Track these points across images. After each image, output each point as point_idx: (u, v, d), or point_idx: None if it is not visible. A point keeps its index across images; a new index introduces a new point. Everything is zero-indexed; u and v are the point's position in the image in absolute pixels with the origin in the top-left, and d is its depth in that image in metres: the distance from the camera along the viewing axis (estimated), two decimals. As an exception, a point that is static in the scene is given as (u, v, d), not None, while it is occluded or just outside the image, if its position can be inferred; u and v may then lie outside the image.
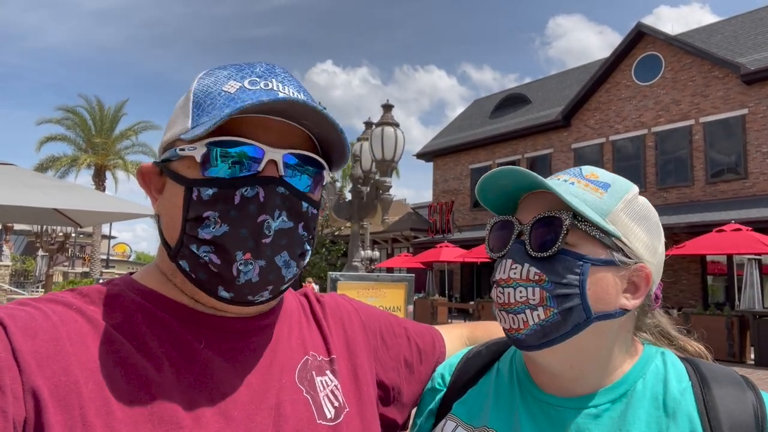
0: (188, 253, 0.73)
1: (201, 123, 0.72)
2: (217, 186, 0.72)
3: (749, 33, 19.42)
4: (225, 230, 0.71)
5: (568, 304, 0.79)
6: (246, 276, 0.72)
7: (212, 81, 0.77)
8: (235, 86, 0.75)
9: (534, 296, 0.80)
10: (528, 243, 0.83)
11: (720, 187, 17.92)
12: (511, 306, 0.82)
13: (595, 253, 0.81)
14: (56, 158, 27.45)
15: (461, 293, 24.83)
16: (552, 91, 25.54)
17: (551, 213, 0.82)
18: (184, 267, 0.74)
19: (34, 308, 0.67)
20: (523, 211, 0.87)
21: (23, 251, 40.26)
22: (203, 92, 0.76)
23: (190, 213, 0.72)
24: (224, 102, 0.73)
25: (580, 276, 0.79)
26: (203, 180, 0.72)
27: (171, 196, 0.76)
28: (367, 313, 1.04)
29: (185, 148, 0.73)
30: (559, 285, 0.79)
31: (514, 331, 0.82)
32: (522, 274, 0.81)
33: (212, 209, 0.71)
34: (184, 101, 0.79)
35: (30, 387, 0.59)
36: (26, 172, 5.22)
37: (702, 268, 17.65)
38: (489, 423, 0.90)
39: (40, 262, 28.50)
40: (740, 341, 11.91)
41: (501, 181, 0.87)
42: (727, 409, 0.78)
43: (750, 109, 17.45)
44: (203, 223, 0.71)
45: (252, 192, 0.72)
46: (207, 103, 0.75)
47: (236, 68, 0.79)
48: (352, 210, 5.50)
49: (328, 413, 0.81)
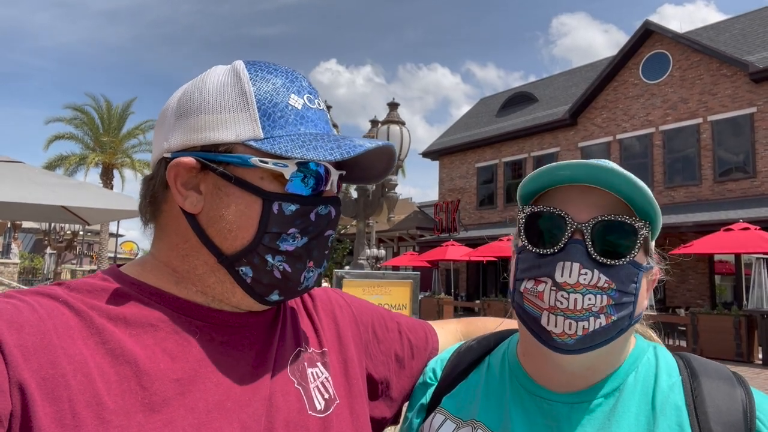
0: (258, 261, 0.75)
1: (275, 135, 0.75)
2: (300, 203, 0.77)
3: (758, 31, 19.25)
4: (305, 242, 0.78)
5: (625, 312, 0.78)
6: (308, 282, 0.81)
7: (272, 89, 0.77)
8: (298, 101, 0.79)
9: (600, 303, 0.77)
10: (591, 246, 0.78)
11: (728, 186, 17.79)
12: (575, 313, 0.77)
13: (643, 260, 0.82)
14: (65, 157, 27.58)
15: (467, 292, 24.79)
16: (559, 90, 25.43)
17: (625, 219, 0.78)
18: (243, 272, 0.76)
19: (20, 301, 0.66)
20: (574, 207, 0.81)
21: (31, 249, 40.54)
22: (268, 100, 0.76)
23: (271, 226, 0.75)
24: (295, 119, 0.78)
25: (636, 284, 0.79)
26: (286, 195, 0.76)
27: (234, 204, 0.75)
28: (360, 307, 1.05)
29: (268, 161, 0.74)
30: (623, 294, 0.78)
31: (566, 336, 0.77)
32: (591, 280, 0.77)
33: (293, 225, 0.76)
34: (237, 100, 0.76)
35: (16, 380, 0.59)
36: (34, 170, 5.25)
37: (710, 268, 17.53)
38: (477, 416, 0.90)
39: (48, 260, 28.69)
40: (748, 341, 11.82)
41: (561, 172, 0.81)
42: (716, 404, 0.77)
43: (758, 107, 17.29)
44: (281, 236, 0.75)
45: (326, 210, 0.80)
46: (277, 115, 0.76)
47: (285, 75, 0.80)
48: (357, 208, 5.50)
49: (318, 405, 0.81)
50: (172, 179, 0.76)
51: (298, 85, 0.81)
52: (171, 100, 0.82)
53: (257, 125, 0.75)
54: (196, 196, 0.76)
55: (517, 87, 29.47)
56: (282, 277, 0.77)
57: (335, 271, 3.53)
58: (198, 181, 0.76)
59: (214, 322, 0.77)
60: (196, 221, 0.76)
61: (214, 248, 0.76)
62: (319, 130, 0.80)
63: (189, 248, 0.77)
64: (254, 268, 0.76)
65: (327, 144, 0.76)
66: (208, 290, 0.78)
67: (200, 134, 0.76)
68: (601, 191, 0.80)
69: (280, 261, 0.76)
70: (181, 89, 0.82)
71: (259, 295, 0.78)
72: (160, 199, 0.79)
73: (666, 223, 16.01)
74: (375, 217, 5.64)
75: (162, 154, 0.78)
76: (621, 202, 0.80)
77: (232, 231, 0.75)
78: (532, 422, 0.84)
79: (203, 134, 0.76)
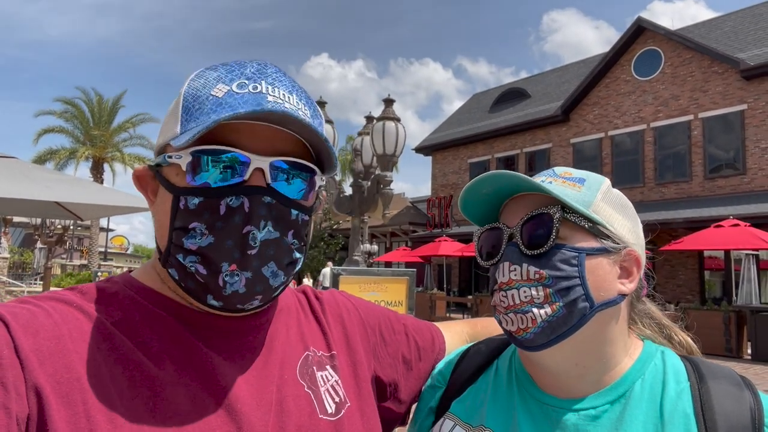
0: (175, 262, 0.73)
1: (188, 129, 0.72)
2: (203, 195, 0.71)
3: (749, 28, 19.38)
4: (210, 241, 0.70)
5: (572, 296, 0.80)
6: (233, 287, 0.71)
7: (201, 84, 0.76)
8: (223, 90, 0.73)
9: (538, 294, 0.81)
10: (521, 243, 0.84)
11: (718, 183, 17.93)
12: (517, 306, 0.82)
13: (587, 243, 0.83)
14: (55, 151, 27.30)
15: (459, 287, 24.86)
16: (551, 86, 25.48)
17: (540, 210, 0.83)
18: (173, 274, 0.75)
19: (36, 306, 0.68)
20: (509, 216, 0.88)
21: (21, 243, 40.18)
22: (192, 96, 0.75)
23: (176, 222, 0.72)
24: (211, 107, 0.72)
25: (578, 267, 0.81)
26: (189, 189, 0.72)
27: (161, 202, 0.77)
28: (367, 310, 1.05)
29: (172, 155, 0.73)
30: (559, 279, 0.80)
31: (522, 332, 0.82)
32: (522, 274, 0.82)
33: (198, 219, 0.71)
34: (175, 105, 0.78)
35: (33, 384, 0.60)
36: (28, 165, 5.20)
37: (699, 264, 17.67)
38: (486, 422, 0.90)
39: (38, 255, 28.45)
40: (737, 336, 11.93)
41: (483, 190, 0.88)
42: (724, 409, 0.78)
43: (749, 104, 17.43)
44: (189, 233, 0.71)
45: (237, 202, 0.71)
46: (195, 107, 0.73)
47: (226, 69, 0.77)
48: (353, 204, 5.51)
49: (329, 408, 0.82)
50: (144, 188, 0.81)
51: (235, 74, 0.75)
52: None
53: (178, 123, 0.75)
54: (154, 201, 0.80)
55: (510, 83, 29.52)
56: (202, 280, 0.72)
57: (332, 267, 3.54)
58: (156, 187, 0.79)
59: (216, 329, 0.78)
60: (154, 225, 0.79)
61: (158, 249, 0.78)
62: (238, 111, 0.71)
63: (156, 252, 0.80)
64: (176, 269, 0.74)
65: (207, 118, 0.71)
66: (180, 295, 0.78)
67: (156, 144, 0.80)
68: (532, 195, 0.86)
69: (192, 262, 0.72)
70: None
71: (199, 299, 0.74)
72: None
73: (656, 219, 15.90)
74: (370, 213, 5.65)
75: None
76: (549, 198, 0.84)
77: (159, 230, 0.77)
78: (539, 429, 0.85)
79: (156, 143, 0.80)
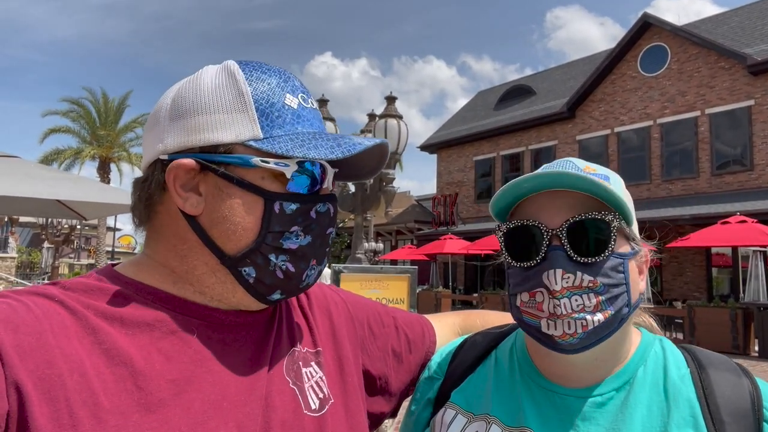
0: (261, 261, 0.76)
1: (274, 135, 0.76)
2: (300, 202, 0.77)
3: (756, 24, 19.23)
4: (308, 241, 0.78)
5: (620, 303, 0.80)
6: (309, 279, 0.81)
7: (267, 88, 0.78)
8: (293, 101, 0.80)
9: (590, 302, 0.79)
10: (570, 248, 0.80)
11: (725, 179, 17.82)
12: (570, 315, 0.79)
13: (627, 248, 0.84)
14: (60, 151, 27.48)
15: (465, 285, 24.86)
16: (557, 83, 25.39)
17: (593, 215, 0.80)
18: (246, 273, 0.76)
19: (16, 301, 0.66)
20: (545, 213, 0.83)
21: (29, 243, 40.48)
22: (265, 100, 0.77)
23: (273, 225, 0.75)
24: (292, 119, 0.78)
25: (623, 273, 0.81)
26: (288, 195, 0.76)
27: (237, 204, 0.74)
28: (355, 304, 1.04)
29: (270, 161, 0.74)
30: (610, 287, 0.80)
31: (568, 336, 0.79)
32: (575, 282, 0.79)
33: (296, 223, 0.77)
34: (236, 100, 0.76)
35: (13, 380, 0.59)
36: (30, 164, 5.22)
37: (707, 260, 17.58)
38: (491, 411, 0.90)
39: (45, 254, 28.67)
40: (744, 333, 11.88)
41: (524, 185, 0.83)
42: (725, 394, 0.80)
43: (756, 100, 17.31)
44: (284, 234, 0.76)
45: (324, 207, 0.81)
46: (274, 114, 0.77)
47: (278, 75, 0.81)
48: (355, 202, 5.49)
49: (313, 404, 0.82)
50: (171, 181, 0.75)
51: (292, 84, 0.81)
52: (163, 101, 0.81)
53: (256, 125, 0.75)
54: (197, 198, 0.75)
55: (515, 80, 29.45)
56: (284, 277, 0.77)
57: (333, 265, 3.53)
58: (197, 183, 0.75)
59: (211, 321, 0.77)
60: (196, 223, 0.75)
61: (216, 249, 0.75)
62: (315, 128, 0.82)
63: (187, 249, 0.77)
64: (257, 268, 0.76)
65: (327, 143, 0.77)
66: (207, 290, 0.77)
67: (198, 135, 0.75)
68: (573, 192, 0.82)
69: (284, 260, 0.77)
70: (173, 90, 0.81)
71: (261, 295, 0.78)
72: (155, 201, 0.78)
73: (663, 216, 15.95)
74: (372, 211, 5.64)
75: (156, 155, 0.77)
76: (591, 197, 0.82)
77: (236, 232, 0.74)
78: (545, 416, 0.85)
79: (201, 135, 0.75)
